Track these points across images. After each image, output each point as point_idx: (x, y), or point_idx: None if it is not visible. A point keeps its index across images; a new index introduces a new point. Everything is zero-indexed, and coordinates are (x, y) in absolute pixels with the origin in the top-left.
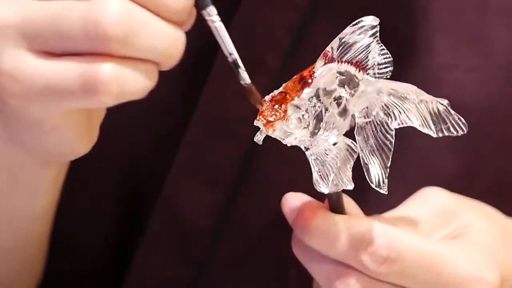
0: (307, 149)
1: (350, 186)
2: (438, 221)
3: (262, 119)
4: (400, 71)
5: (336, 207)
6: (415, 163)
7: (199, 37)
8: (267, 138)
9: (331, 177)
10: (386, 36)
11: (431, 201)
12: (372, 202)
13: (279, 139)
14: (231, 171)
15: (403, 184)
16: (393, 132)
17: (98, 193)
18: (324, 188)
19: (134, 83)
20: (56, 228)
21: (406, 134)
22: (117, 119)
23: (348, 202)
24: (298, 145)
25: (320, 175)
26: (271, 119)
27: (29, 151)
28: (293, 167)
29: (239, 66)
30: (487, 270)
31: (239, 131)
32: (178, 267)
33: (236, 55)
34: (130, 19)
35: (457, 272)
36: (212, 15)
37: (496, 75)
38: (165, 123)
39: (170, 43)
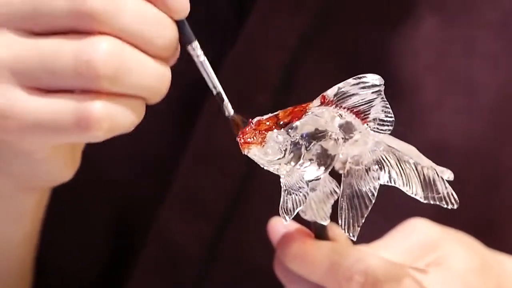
0: (282, 177)
1: (325, 222)
2: (421, 251)
3: (242, 138)
4: None
5: (320, 233)
6: (397, 203)
7: (194, 70)
8: (258, 175)
9: (295, 212)
10: (363, 72)
11: (416, 232)
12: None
13: (255, 160)
14: (222, 204)
15: (385, 222)
16: (378, 187)
17: (89, 224)
18: (284, 219)
19: (124, 118)
20: (45, 258)
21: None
22: (110, 149)
23: (335, 229)
24: (274, 172)
25: (283, 206)
26: (249, 140)
27: (14, 179)
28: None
29: (223, 100)
30: None
31: (231, 167)
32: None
33: (220, 88)
34: (119, 57)
35: None
36: (196, 50)
37: (480, 117)
38: (159, 153)
39: (157, 79)
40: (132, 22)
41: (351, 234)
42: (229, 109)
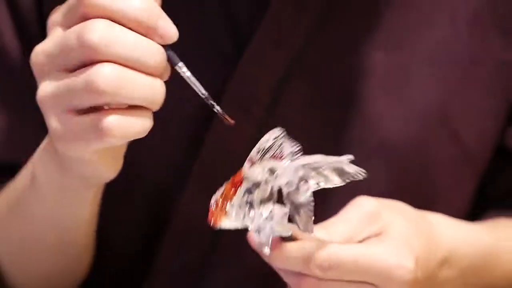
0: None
1: (288, 233)
2: (365, 222)
3: (212, 221)
4: (347, 121)
5: (288, 239)
6: (352, 187)
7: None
8: None
9: (270, 242)
10: (332, 91)
11: (359, 206)
12: (329, 211)
13: (229, 228)
14: None
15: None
16: (311, 194)
17: (129, 207)
18: (265, 250)
19: (133, 125)
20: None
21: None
22: (141, 150)
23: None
24: (244, 227)
25: (260, 242)
26: (217, 219)
27: (75, 177)
28: None
29: (210, 101)
30: (405, 259)
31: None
32: (189, 254)
33: (206, 93)
34: (117, 77)
35: (383, 265)
36: (182, 68)
37: (415, 123)
38: (180, 152)
39: (151, 91)
40: (126, 50)
41: (309, 233)
42: (217, 108)
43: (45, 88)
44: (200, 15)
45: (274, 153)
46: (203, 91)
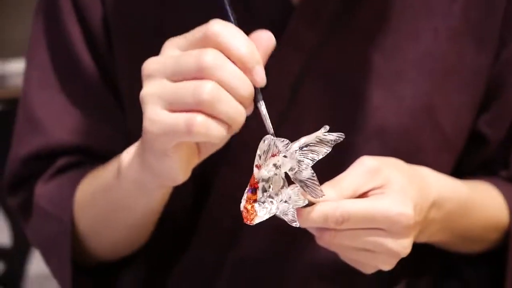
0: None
1: (305, 203)
2: (369, 176)
3: (248, 221)
4: (351, 111)
5: (308, 205)
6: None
7: None
8: None
9: (296, 217)
10: (340, 87)
11: (361, 164)
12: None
13: (262, 220)
14: None
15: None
16: (311, 168)
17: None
18: (294, 224)
19: (214, 131)
20: None
21: (351, 150)
22: None
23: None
24: (272, 215)
25: (290, 220)
26: (252, 219)
27: (152, 175)
28: None
29: (274, 135)
30: (406, 207)
31: None
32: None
33: (272, 131)
34: (216, 93)
35: (387, 213)
36: (261, 106)
37: (406, 112)
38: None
39: (237, 114)
40: (228, 77)
41: (320, 197)
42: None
43: (150, 88)
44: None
45: (272, 152)
46: (271, 129)
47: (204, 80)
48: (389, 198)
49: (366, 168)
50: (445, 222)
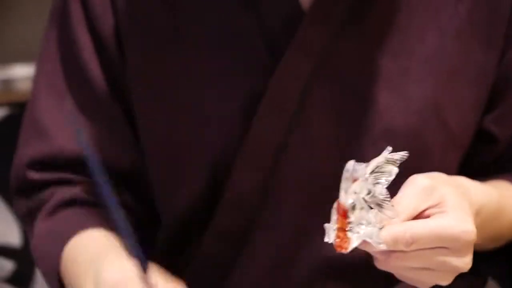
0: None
1: (381, 224)
2: (425, 194)
3: (342, 250)
4: (359, 113)
5: None
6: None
7: None
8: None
9: (378, 235)
10: (349, 89)
11: (415, 183)
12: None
13: (354, 246)
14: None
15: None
16: (386, 189)
17: (191, 176)
18: (380, 247)
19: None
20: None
21: (359, 152)
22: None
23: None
24: (361, 240)
25: (375, 242)
26: (347, 246)
27: None
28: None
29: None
30: (468, 223)
31: None
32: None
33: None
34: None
35: (452, 233)
36: None
37: (412, 114)
38: (232, 132)
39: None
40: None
41: (394, 218)
42: None
43: None
44: (239, 29)
45: (353, 178)
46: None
47: None
48: (451, 216)
49: (421, 187)
50: (481, 227)
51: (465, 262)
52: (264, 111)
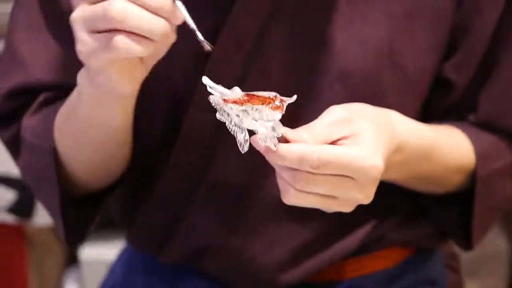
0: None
1: (280, 133)
2: (340, 125)
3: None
4: (315, 54)
5: (280, 139)
6: (321, 107)
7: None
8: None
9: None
10: (305, 31)
11: (334, 113)
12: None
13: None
14: None
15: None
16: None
17: (150, 112)
18: (272, 146)
19: (134, 46)
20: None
21: (316, 93)
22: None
23: (285, 130)
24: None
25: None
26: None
27: (100, 89)
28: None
29: (195, 30)
30: (376, 159)
31: None
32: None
33: (193, 24)
34: (124, 10)
35: (360, 165)
36: (177, 2)
37: (368, 56)
38: (186, 76)
39: (151, 25)
40: None
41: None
42: (200, 36)
43: (77, 12)
44: None
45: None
46: (192, 22)
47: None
48: (362, 149)
49: (337, 118)
50: (406, 164)
51: (367, 195)
52: (221, 46)
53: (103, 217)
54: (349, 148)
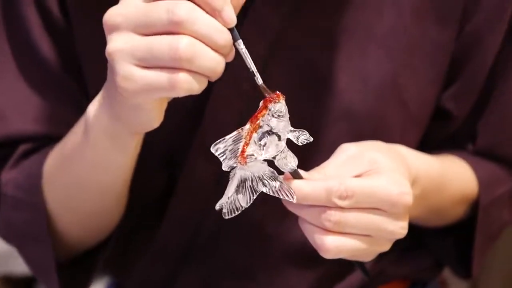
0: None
1: (295, 163)
2: (353, 162)
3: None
4: (317, 93)
5: (296, 176)
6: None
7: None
8: None
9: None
10: (306, 70)
11: (345, 151)
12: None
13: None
14: None
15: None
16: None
17: (147, 163)
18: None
19: (195, 85)
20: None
21: (319, 132)
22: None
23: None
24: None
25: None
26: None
27: (124, 124)
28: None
29: (255, 75)
30: (405, 186)
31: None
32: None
33: (256, 71)
34: (193, 48)
35: (389, 193)
36: (240, 45)
37: (371, 94)
38: (185, 120)
39: (216, 64)
40: (203, 28)
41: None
42: (260, 81)
43: (118, 43)
44: None
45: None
46: (252, 67)
47: (180, 36)
48: (387, 177)
49: (349, 155)
50: (420, 199)
51: (401, 227)
52: (219, 90)
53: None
54: (373, 178)
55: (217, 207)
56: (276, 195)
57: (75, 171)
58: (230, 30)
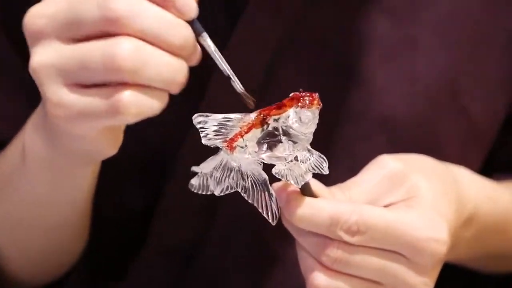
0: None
1: (309, 177)
2: (390, 185)
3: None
4: (347, 93)
5: (306, 192)
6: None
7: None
8: None
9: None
10: (331, 59)
11: (383, 167)
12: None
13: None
14: None
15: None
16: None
17: (123, 180)
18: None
19: (148, 105)
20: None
21: (349, 147)
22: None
23: (314, 183)
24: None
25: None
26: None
27: (67, 154)
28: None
29: (231, 78)
30: (439, 231)
31: None
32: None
33: (229, 70)
34: (139, 54)
35: (415, 235)
36: (206, 40)
37: (420, 99)
38: (172, 124)
39: (173, 73)
40: (151, 25)
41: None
42: (238, 86)
43: (43, 56)
44: None
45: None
46: (226, 66)
47: (118, 38)
48: (420, 216)
49: (388, 173)
50: (476, 240)
51: (425, 283)
52: (215, 91)
53: None
54: (401, 213)
55: (193, 168)
56: (255, 205)
57: (11, 205)
58: (190, 23)
